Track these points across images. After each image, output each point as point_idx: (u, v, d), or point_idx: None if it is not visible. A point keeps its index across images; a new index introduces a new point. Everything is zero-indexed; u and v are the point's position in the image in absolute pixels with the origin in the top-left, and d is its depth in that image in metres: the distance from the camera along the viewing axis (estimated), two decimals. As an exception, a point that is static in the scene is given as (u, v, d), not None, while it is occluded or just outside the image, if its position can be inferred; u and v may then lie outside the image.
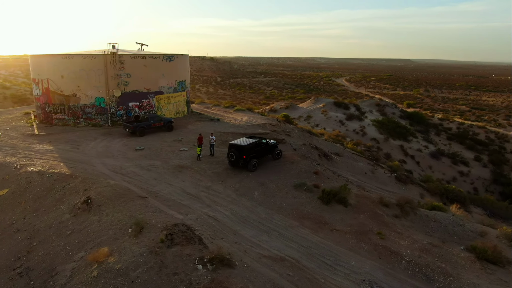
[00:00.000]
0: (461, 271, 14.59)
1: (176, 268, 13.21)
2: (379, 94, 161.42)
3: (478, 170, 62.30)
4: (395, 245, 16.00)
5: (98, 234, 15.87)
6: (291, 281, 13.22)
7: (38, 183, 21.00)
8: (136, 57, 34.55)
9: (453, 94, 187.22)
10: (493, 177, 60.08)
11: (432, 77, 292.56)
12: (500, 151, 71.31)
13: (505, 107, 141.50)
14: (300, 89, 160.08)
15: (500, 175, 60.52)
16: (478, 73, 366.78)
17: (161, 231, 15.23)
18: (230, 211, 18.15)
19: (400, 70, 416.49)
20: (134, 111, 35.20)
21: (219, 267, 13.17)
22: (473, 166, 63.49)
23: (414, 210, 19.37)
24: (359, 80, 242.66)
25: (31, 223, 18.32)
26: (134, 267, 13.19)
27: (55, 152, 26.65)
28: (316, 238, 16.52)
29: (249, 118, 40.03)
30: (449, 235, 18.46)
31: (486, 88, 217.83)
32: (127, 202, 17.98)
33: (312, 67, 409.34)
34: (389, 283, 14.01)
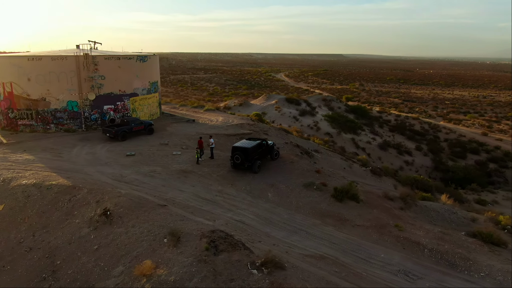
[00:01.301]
0: (475, 255, 16.37)
1: (231, 275, 13.40)
2: (318, 88, 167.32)
3: (420, 159, 67.54)
4: (414, 236, 17.45)
5: (131, 247, 15.44)
6: (341, 277, 14.01)
7: (38, 197, 19.69)
8: (110, 58, 33.05)
9: (385, 87, 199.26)
10: (434, 164, 65.56)
11: (364, 72, 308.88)
12: (436, 140, 77.83)
13: (432, 99, 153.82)
14: (242, 85, 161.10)
15: (440, 163, 66.14)
16: (404, 67, 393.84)
17: (200, 239, 15.24)
18: (254, 214, 18.49)
19: (334, 65, 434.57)
20: (109, 114, 33.74)
21: (273, 270, 13.57)
22: (416, 155, 68.68)
23: (414, 202, 21.13)
24: (298, 75, 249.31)
25: (43, 240, 17.24)
26: (188, 278, 13.17)
27: (38, 161, 24.93)
28: (342, 234, 17.47)
29: (224, 119, 40.10)
30: (447, 222, 20.42)
31: (413, 82, 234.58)
32: (149, 212, 17.60)
33: (250, 63, 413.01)
34: (420, 271, 15.34)
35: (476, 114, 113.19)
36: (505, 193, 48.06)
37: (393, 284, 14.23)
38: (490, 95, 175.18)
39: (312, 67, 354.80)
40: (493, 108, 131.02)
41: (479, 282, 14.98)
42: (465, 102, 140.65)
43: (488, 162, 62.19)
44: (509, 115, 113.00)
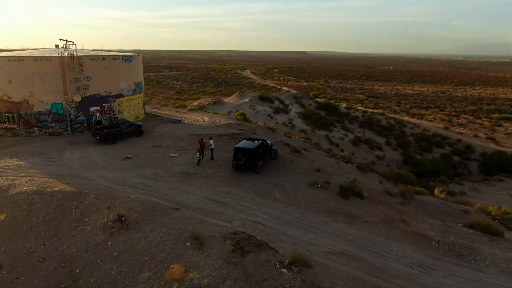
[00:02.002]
0: (478, 245, 17.55)
1: (262, 275, 13.71)
2: (285, 86, 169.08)
3: (390, 153, 70.10)
4: (420, 229, 18.44)
5: (154, 252, 15.39)
6: (364, 272, 14.65)
7: (42, 204, 19.05)
8: (96, 59, 32.13)
9: (349, 84, 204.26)
10: (404, 158, 68.28)
11: (328, 69, 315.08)
12: (403, 135, 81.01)
13: (394, 94, 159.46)
14: (209, 82, 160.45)
15: (409, 157, 68.97)
16: (366, 64, 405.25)
17: (224, 241, 15.42)
18: (266, 214, 18.83)
19: (298, 62, 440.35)
20: (95, 116, 32.84)
21: (302, 269, 14.01)
22: (386, 150, 71.20)
23: (412, 197, 22.22)
24: (264, 72, 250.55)
25: (56, 249, 16.77)
26: (221, 280, 13.36)
27: (30, 167, 24.01)
28: (353, 230, 18.17)
29: (210, 119, 40.01)
30: (443, 215, 21.65)
31: (376, 78, 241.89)
32: (165, 216, 17.53)
33: (215, 60, 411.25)
34: (431, 262, 16.29)
35: (437, 109, 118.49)
36: (471, 184, 50.77)
37: (412, 276, 15.06)
38: (448, 90, 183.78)
39: (277, 64, 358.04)
40: (451, 103, 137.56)
41: (486, 270, 16.11)
42: (425, 97, 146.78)
43: (452, 155, 65.45)
44: (466, 110, 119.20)
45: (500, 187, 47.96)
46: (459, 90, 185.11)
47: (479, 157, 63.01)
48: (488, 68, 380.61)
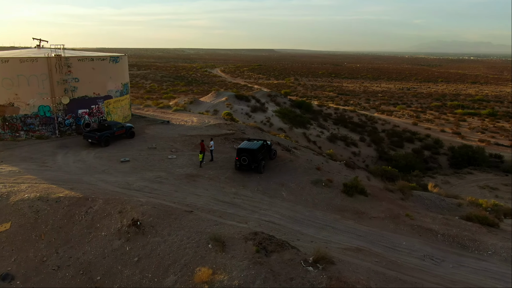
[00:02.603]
0: (479, 236, 18.65)
1: (289, 274, 14.06)
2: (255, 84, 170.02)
3: (365, 150, 72.17)
4: (424, 223, 19.35)
5: (176, 255, 15.40)
6: (383, 266, 15.28)
7: (49, 211, 18.55)
8: (83, 60, 31.27)
9: (319, 81, 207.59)
10: (378, 154, 70.47)
11: (297, 67, 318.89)
12: (375, 131, 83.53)
13: (363, 92, 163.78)
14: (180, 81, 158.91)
15: (383, 152, 71.27)
16: (333, 62, 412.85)
17: (246, 242, 15.65)
18: (278, 214, 19.17)
19: (266, 59, 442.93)
20: (84, 119, 31.99)
21: (326, 266, 14.47)
22: (361, 146, 73.25)
23: (410, 192, 23.22)
24: (234, 70, 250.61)
25: (70, 256, 16.44)
26: (251, 280, 13.62)
27: (26, 173, 23.21)
28: (363, 227, 18.84)
29: (199, 119, 39.84)
30: (440, 208, 22.78)
31: (344, 76, 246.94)
32: (180, 219, 17.52)
33: (183, 58, 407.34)
34: (439, 254, 17.18)
35: (404, 105, 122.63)
36: (443, 177, 53.14)
37: (425, 268, 15.83)
38: (413, 87, 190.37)
39: (246, 62, 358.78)
40: (417, 99, 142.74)
41: (489, 260, 17.18)
42: (392, 94, 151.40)
43: (423, 149, 68.08)
44: (432, 106, 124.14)
45: (469, 180, 50.41)
46: (424, 87, 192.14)
47: (448, 151, 65.85)
48: (449, 65, 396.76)
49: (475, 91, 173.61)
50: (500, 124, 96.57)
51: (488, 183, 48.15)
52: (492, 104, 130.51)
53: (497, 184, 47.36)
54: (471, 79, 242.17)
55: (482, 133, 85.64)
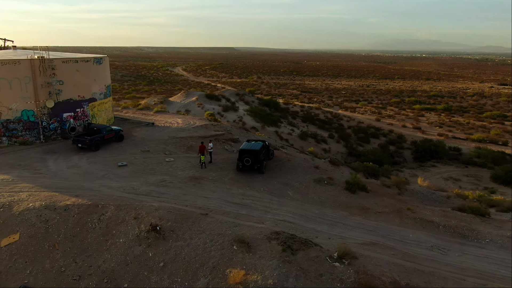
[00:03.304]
0: (475, 226, 20.12)
1: (317, 270, 14.65)
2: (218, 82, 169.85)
3: (335, 146, 74.31)
4: (425, 216, 20.58)
5: (203, 258, 15.53)
6: (399, 258, 16.19)
7: (59, 220, 18.02)
8: (68, 61, 30.17)
9: (281, 79, 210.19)
10: (348, 150, 72.86)
11: (258, 65, 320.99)
12: (342, 128, 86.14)
13: (325, 89, 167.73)
14: (141, 81, 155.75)
15: (352, 148, 73.79)
16: (293, 60, 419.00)
17: (269, 242, 16.06)
18: (290, 213, 19.68)
19: (227, 58, 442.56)
20: (69, 122, 30.91)
21: (352, 261, 15.19)
22: (331, 143, 75.33)
23: (404, 187, 24.52)
24: (195, 69, 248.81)
25: (90, 265, 16.13)
26: (284, 279, 14.08)
27: (20, 181, 22.27)
28: (371, 222, 19.76)
29: (184, 120, 39.53)
30: (432, 201, 24.23)
31: (305, 73, 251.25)
32: (198, 222, 17.61)
33: (142, 57, 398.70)
34: (444, 244, 18.39)
35: (365, 102, 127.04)
36: (410, 171, 55.94)
37: (435, 258, 16.92)
38: (372, 84, 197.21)
39: (206, 60, 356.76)
40: (377, 96, 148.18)
41: (488, 247, 18.61)
42: (353, 91, 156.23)
43: (388, 144, 71.04)
44: (391, 102, 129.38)
45: (434, 172, 53.37)
46: (382, 84, 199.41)
47: (411, 146, 69.07)
48: (403, 63, 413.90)
49: (430, 87, 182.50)
50: (455, 118, 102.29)
51: (451, 174, 51.14)
52: (446, 100, 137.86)
53: (459, 175, 50.42)
54: (425, 76, 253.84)
55: (440, 127, 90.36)
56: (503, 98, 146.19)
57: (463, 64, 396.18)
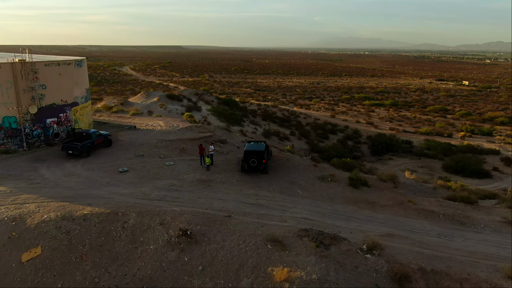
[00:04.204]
0: (469, 213, 22.16)
1: (352, 263, 15.65)
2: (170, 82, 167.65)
3: (298, 143, 76.48)
4: (426, 206, 22.31)
5: (241, 259, 15.92)
6: (417, 247, 17.53)
7: (80, 230, 17.52)
8: (50, 65, 28.72)
9: (233, 78, 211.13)
10: (310, 147, 75.30)
11: (208, 63, 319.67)
12: (300, 125, 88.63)
13: (278, 87, 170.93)
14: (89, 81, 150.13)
15: (313, 145, 76.39)
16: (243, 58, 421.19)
17: (301, 239, 16.82)
18: (307, 210, 20.50)
19: (175, 56, 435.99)
20: (52, 128, 29.46)
21: (381, 252, 16.35)
22: (293, 140, 77.50)
23: (398, 180, 26.28)
24: (145, 68, 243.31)
25: (125, 274, 15.94)
26: (325, 273, 14.91)
27: (18, 192, 21.15)
28: (380, 215, 21.12)
29: (166, 123, 38.99)
30: (422, 193, 26.21)
31: (256, 72, 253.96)
32: (226, 224, 17.93)
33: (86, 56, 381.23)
34: (447, 232, 20.15)
35: (318, 99, 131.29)
36: (370, 164, 59.03)
37: (444, 244, 18.54)
38: (322, 81, 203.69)
39: (154, 59, 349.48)
40: (328, 93, 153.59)
41: (484, 232, 20.65)
42: (305, 88, 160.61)
43: (346, 140, 74.28)
44: (342, 98, 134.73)
45: (392, 165, 56.91)
46: (331, 81, 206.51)
47: (367, 140, 72.64)
48: (349, 60, 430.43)
49: (376, 84, 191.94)
50: (402, 113, 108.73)
51: (407, 166, 54.62)
52: (392, 95, 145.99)
53: (414, 167, 54.01)
54: (369, 73, 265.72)
55: (391, 122, 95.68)
56: (442, 93, 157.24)
57: (403, 61, 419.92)
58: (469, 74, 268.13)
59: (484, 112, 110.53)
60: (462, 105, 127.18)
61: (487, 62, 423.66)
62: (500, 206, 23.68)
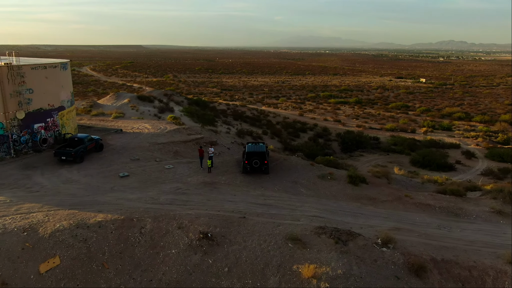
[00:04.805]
0: (461, 205, 23.69)
1: (371, 257, 16.48)
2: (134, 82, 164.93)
3: (270, 142, 77.40)
4: (421, 200, 23.62)
5: (265, 259, 16.30)
6: (424, 238, 18.64)
7: (97, 238, 17.24)
8: (37, 68, 27.66)
9: (198, 78, 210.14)
10: (283, 146, 76.63)
11: (171, 63, 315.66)
12: (271, 124, 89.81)
13: (244, 86, 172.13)
14: None
15: (286, 143, 77.77)
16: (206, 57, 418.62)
17: (319, 236, 17.46)
18: (315, 208, 21.15)
19: (136, 56, 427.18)
20: (40, 134, 28.39)
21: (395, 245, 17.29)
22: (266, 139, 78.53)
23: (391, 176, 27.57)
24: (106, 68, 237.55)
25: (150, 279, 15.92)
26: (349, 267, 15.64)
27: (19, 201, 20.44)
28: (382, 210, 22.17)
29: (152, 125, 38.47)
30: (413, 187, 27.64)
31: (221, 71, 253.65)
32: (244, 225, 18.24)
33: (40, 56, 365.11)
34: (445, 223, 21.51)
35: (284, 98, 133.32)
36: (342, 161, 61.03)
37: (445, 235, 19.81)
38: (287, 80, 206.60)
39: (115, 59, 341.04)
40: (294, 92, 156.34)
41: (477, 222, 22.20)
42: (271, 87, 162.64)
43: (317, 137, 76.06)
44: (308, 97, 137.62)
45: (363, 161, 59.14)
46: (295, 80, 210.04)
47: (337, 138, 74.70)
48: (310, 59, 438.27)
49: (339, 82, 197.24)
50: (367, 110, 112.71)
51: (377, 162, 56.86)
52: (355, 93, 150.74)
53: (384, 162, 56.27)
54: (332, 71, 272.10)
55: (357, 119, 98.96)
56: (402, 90, 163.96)
57: (363, 59, 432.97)
58: (425, 71, 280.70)
59: (442, 108, 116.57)
60: (422, 101, 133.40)
61: (441, 60, 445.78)
62: (485, 197, 25.47)
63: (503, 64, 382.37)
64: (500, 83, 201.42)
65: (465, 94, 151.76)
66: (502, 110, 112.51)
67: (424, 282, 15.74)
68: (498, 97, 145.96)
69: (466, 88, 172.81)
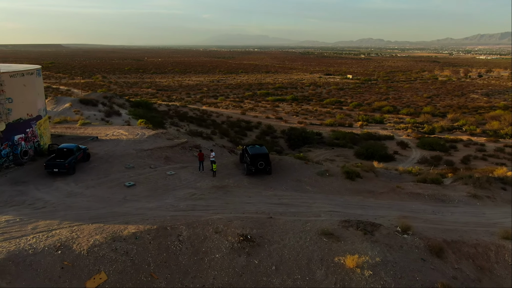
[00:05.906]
0: (445, 192, 26.69)
1: (397, 243, 18.36)
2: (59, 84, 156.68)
3: (220, 141, 78.38)
4: (411, 190, 26.20)
5: (306, 254, 17.33)
6: (429, 223, 21.06)
7: (138, 250, 17.06)
8: (15, 75, 25.62)
9: (129, 78, 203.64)
10: (233, 144, 77.87)
11: (97, 63, 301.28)
12: (217, 123, 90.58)
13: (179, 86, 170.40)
14: None
15: (236, 142, 79.20)
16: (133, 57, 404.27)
17: (347, 229, 18.99)
18: (328, 204, 22.62)
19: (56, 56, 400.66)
20: (20, 146, 26.36)
21: (413, 232, 19.36)
22: (216, 139, 79.14)
23: (375, 170, 30.00)
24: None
25: (203, 285, 16.17)
26: (384, 255, 17.35)
27: (32, 219, 19.29)
28: (383, 201, 24.30)
29: (128, 131, 37.20)
30: (395, 179, 30.33)
31: (153, 71, 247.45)
32: (275, 224, 19.11)
33: None
34: (436, 209, 24.22)
35: (223, 97, 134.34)
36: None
37: (441, 219, 22.39)
38: (221, 79, 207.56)
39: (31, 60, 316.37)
40: (231, 90, 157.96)
41: (460, 206, 25.28)
42: (207, 87, 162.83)
43: (263, 135, 78.26)
44: (246, 95, 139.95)
45: (312, 156, 61.41)
46: (230, 78, 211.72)
47: (282, 135, 77.39)
48: (240, 57, 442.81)
49: (273, 80, 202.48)
50: (305, 107, 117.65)
51: (326, 156, 60.06)
52: (290, 91, 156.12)
53: (332, 156, 59.67)
54: (264, 69, 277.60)
55: (297, 116, 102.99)
56: (333, 87, 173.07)
57: (291, 57, 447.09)
58: (350, 68, 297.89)
59: (371, 102, 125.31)
60: (352, 97, 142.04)
61: (362, 57, 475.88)
62: (458, 183, 28.93)
63: (417, 60, 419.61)
64: (417, 78, 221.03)
65: (389, 89, 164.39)
66: (423, 103, 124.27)
67: (445, 262, 17.93)
68: (417, 91, 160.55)
69: (389, 83, 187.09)
